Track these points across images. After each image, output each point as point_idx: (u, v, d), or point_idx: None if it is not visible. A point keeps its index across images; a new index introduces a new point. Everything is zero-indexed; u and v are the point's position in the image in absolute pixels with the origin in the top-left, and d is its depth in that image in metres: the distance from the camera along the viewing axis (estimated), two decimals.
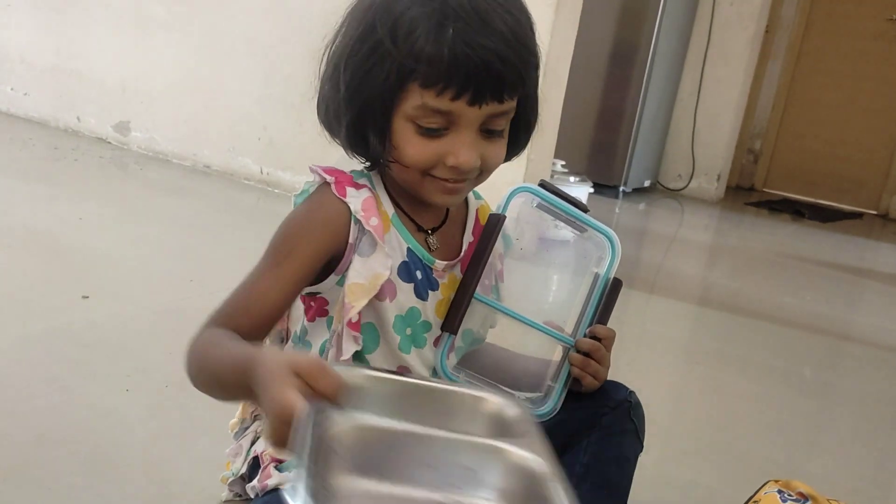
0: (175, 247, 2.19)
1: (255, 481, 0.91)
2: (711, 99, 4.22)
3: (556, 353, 0.95)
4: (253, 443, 0.96)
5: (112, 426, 1.23)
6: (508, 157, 0.92)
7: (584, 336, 0.92)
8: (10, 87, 3.54)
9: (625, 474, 0.99)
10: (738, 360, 1.95)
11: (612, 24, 3.72)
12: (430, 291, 0.92)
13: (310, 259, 0.85)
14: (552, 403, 0.92)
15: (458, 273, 0.94)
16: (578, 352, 0.92)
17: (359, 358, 0.93)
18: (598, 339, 0.92)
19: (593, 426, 0.95)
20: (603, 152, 3.88)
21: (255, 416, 0.98)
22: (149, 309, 1.72)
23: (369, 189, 0.90)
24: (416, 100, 0.80)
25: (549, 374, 0.94)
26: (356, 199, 0.87)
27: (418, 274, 0.91)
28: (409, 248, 0.91)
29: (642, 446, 0.98)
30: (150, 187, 2.86)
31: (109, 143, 3.29)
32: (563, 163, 2.85)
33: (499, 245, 0.92)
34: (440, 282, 0.93)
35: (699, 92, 4.23)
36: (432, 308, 0.93)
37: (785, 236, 3.74)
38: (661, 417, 0.92)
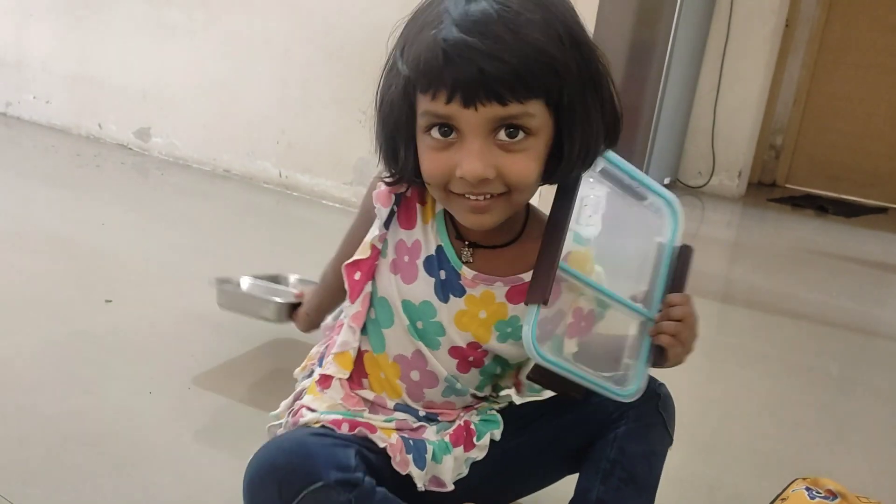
0: (196, 250, 2.21)
1: (287, 417, 0.97)
2: (731, 94, 4.18)
3: (630, 330, 0.90)
4: (298, 397, 0.99)
5: (136, 428, 1.24)
6: (557, 177, 0.88)
7: (660, 308, 0.88)
8: (32, 96, 3.58)
9: (653, 469, 0.97)
10: (762, 358, 1.93)
11: (630, 21, 3.70)
12: (451, 296, 0.93)
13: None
14: (636, 383, 0.87)
15: (499, 295, 0.93)
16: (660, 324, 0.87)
17: (376, 329, 0.96)
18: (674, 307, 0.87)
19: (620, 419, 0.93)
20: (621, 150, 3.84)
21: (312, 370, 1.00)
22: (171, 312, 1.73)
23: (418, 190, 0.95)
24: (422, 108, 0.82)
25: (626, 351, 0.89)
26: (389, 188, 0.94)
27: (442, 273, 0.93)
28: (440, 246, 0.93)
29: (672, 439, 0.96)
30: (172, 192, 2.89)
31: (131, 149, 3.32)
32: None
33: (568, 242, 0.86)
34: (468, 291, 0.93)
35: (718, 87, 4.19)
36: (450, 315, 0.93)
37: (808, 232, 3.69)
38: (685, 415, 0.90)
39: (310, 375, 1.01)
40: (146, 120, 3.29)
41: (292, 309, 1.43)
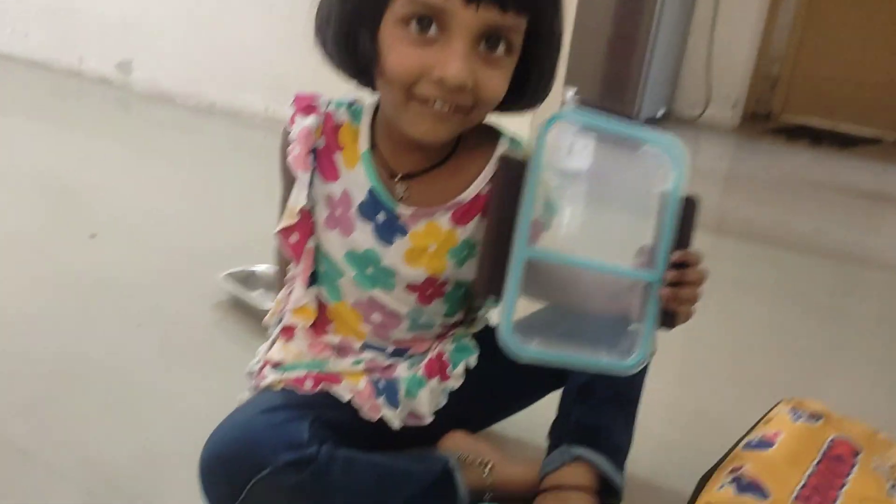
0: (181, 186, 2.18)
1: (252, 380, 0.95)
2: (727, 23, 4.08)
3: (634, 293, 0.83)
4: (269, 348, 0.97)
5: (125, 362, 1.24)
6: (516, 106, 0.86)
7: (666, 266, 0.80)
8: (9, 29, 3.48)
9: (634, 385, 0.97)
10: (753, 288, 1.93)
11: None
12: (395, 237, 0.90)
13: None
14: (642, 350, 0.81)
15: (444, 223, 0.90)
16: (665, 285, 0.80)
17: (329, 280, 0.94)
18: (684, 267, 0.80)
19: None
20: (615, 81, 3.78)
21: (282, 316, 0.98)
22: (156, 247, 1.71)
23: (333, 116, 0.90)
24: None
25: (633, 314, 0.82)
26: (297, 127, 0.88)
27: (380, 216, 0.90)
28: (371, 189, 0.89)
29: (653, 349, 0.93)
30: (155, 127, 2.83)
31: (112, 82, 3.24)
32: (576, 89, 2.78)
33: (538, 212, 0.79)
34: (410, 228, 0.90)
35: (714, 16, 4.09)
36: (399, 255, 0.91)
37: (802, 163, 3.66)
38: (672, 341, 0.90)
39: (280, 321, 0.99)
40: (127, 52, 3.21)
41: None
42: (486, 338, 1.01)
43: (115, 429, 1.06)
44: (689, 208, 0.81)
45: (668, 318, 0.82)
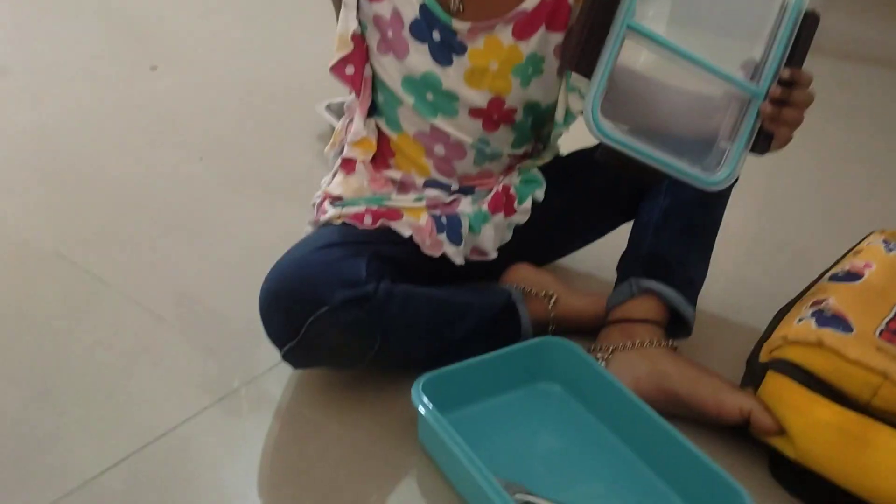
0: (243, 16, 2.10)
1: (313, 214, 0.92)
2: None
3: (727, 112, 0.75)
4: (331, 181, 0.95)
5: (190, 193, 1.24)
6: None
7: (773, 82, 0.72)
8: None
9: (711, 216, 0.92)
10: (847, 112, 1.78)
11: None
12: (453, 56, 0.84)
13: None
14: (729, 168, 0.74)
15: (505, 38, 0.83)
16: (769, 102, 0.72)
17: (389, 110, 0.89)
18: (790, 86, 0.72)
19: None
20: None
21: (343, 146, 0.94)
22: (218, 78, 1.68)
23: None
24: None
25: (723, 132, 0.75)
26: None
27: (435, 34, 0.83)
28: (423, 4, 0.82)
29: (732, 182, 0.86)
30: None
31: None
32: None
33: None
34: (469, 45, 0.83)
35: None
36: (459, 77, 0.84)
37: None
38: (757, 171, 0.82)
39: (341, 151, 0.95)
40: None
41: None
42: (554, 169, 0.96)
43: (177, 255, 1.07)
44: (808, 24, 0.71)
45: (764, 141, 0.74)
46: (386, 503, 0.72)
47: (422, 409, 0.73)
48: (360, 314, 0.76)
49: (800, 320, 0.79)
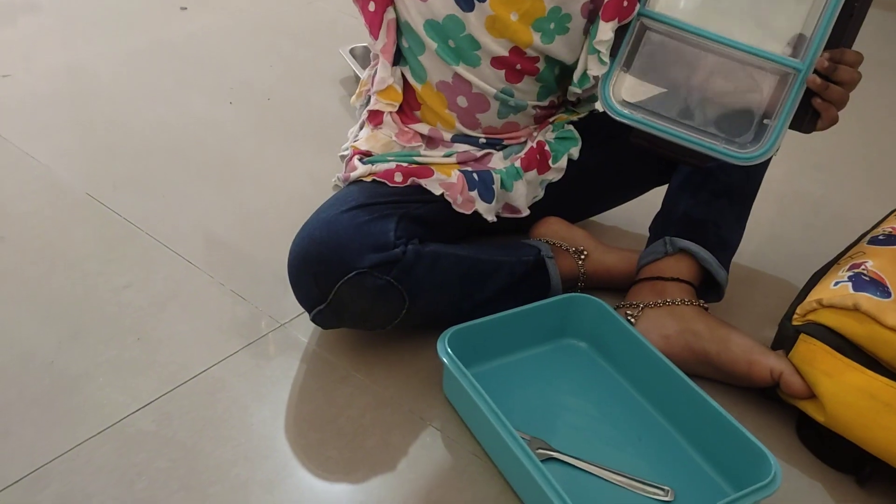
0: None
1: (340, 172, 0.91)
2: None
3: (766, 85, 0.73)
4: (362, 126, 0.94)
5: (219, 138, 1.23)
6: None
7: (817, 58, 0.71)
8: None
9: (750, 180, 0.90)
10: (881, 63, 1.71)
11: None
12: (475, 2, 0.81)
13: None
14: (768, 145, 0.72)
15: None
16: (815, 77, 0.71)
17: (412, 57, 0.88)
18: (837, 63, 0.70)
19: None
20: None
21: (369, 96, 0.93)
22: (247, 20, 1.65)
23: None
24: None
25: (761, 109, 0.74)
26: None
27: None
28: None
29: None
30: None
31: None
32: None
33: None
34: None
35: None
36: (480, 24, 0.82)
37: None
38: (795, 132, 0.79)
39: (367, 102, 0.93)
40: None
41: None
42: (590, 126, 0.94)
43: (212, 203, 1.07)
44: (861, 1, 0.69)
45: (810, 119, 0.72)
46: (409, 451, 0.72)
47: (446, 361, 0.73)
48: (388, 278, 0.75)
49: (836, 283, 0.77)
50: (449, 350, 0.74)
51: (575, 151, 0.92)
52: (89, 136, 1.22)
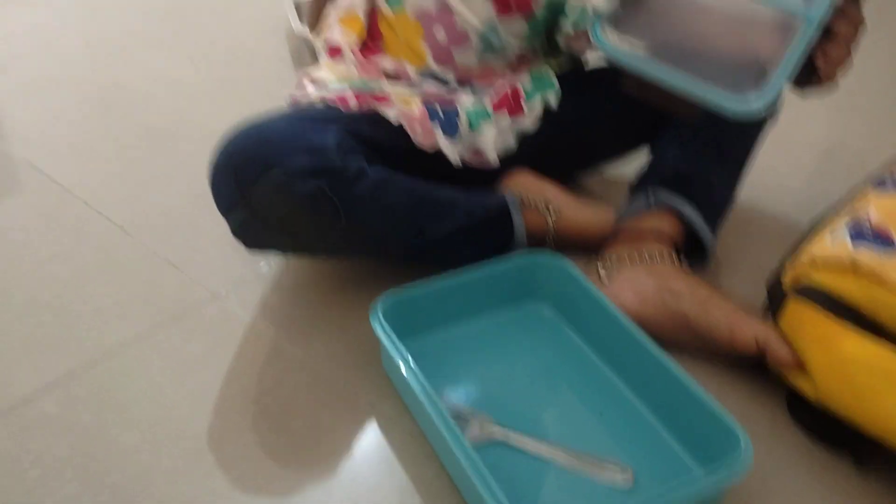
0: None
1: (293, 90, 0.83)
2: None
3: (769, 35, 0.66)
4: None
5: (171, 102, 1.15)
6: None
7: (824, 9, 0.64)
8: None
9: (743, 138, 0.81)
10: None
11: None
12: None
13: None
14: (767, 98, 0.64)
15: None
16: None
17: None
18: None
19: None
20: None
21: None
22: None
23: None
24: None
25: (762, 57, 0.66)
26: None
27: None
28: None
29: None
30: None
31: None
32: None
33: None
34: None
35: None
36: None
37: None
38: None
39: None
40: None
41: None
42: (573, 79, 0.85)
43: (153, 166, 0.99)
44: None
45: (810, 78, 0.67)
46: (339, 433, 0.64)
47: (378, 331, 0.64)
48: (317, 183, 0.65)
49: (832, 235, 0.66)
50: (381, 316, 0.65)
51: (552, 98, 0.82)
52: (31, 101, 1.14)
